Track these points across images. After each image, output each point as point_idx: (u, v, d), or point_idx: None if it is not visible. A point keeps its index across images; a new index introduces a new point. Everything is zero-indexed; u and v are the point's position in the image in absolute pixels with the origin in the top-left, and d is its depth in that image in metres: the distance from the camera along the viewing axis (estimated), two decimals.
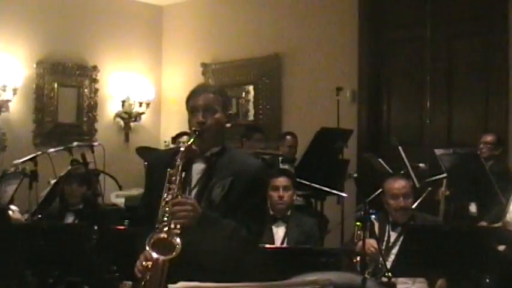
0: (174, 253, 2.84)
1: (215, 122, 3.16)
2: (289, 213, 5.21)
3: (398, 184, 5.01)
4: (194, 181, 3.15)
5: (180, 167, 3.03)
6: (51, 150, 6.03)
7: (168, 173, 3.02)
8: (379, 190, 5.19)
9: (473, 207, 6.13)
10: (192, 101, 3.21)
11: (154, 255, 2.85)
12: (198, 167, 3.17)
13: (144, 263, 2.89)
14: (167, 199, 2.96)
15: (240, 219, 3.03)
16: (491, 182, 5.52)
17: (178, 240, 2.86)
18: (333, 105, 7.27)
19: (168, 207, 2.93)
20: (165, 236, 2.89)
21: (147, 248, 2.87)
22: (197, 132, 3.12)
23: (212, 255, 2.94)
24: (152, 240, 2.89)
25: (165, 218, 2.92)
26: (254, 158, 3.81)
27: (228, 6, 9.58)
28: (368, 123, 8.11)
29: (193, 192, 3.13)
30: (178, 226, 2.89)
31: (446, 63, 7.70)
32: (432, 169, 6.49)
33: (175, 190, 2.98)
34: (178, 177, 3.01)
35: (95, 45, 9.51)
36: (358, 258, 4.51)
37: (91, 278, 4.57)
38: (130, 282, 4.36)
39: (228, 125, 3.25)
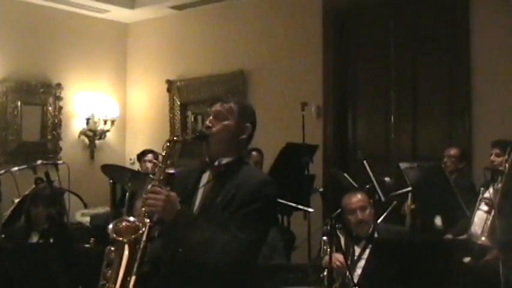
0: (136, 233, 2.86)
1: (222, 128, 3.12)
2: None
3: (353, 198, 5.07)
4: (200, 190, 3.13)
5: (164, 159, 3.04)
6: (15, 168, 5.95)
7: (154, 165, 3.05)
8: None
9: (438, 221, 6.19)
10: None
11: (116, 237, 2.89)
12: (205, 177, 3.15)
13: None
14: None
15: (230, 227, 2.92)
16: (455, 195, 5.57)
17: (140, 224, 2.89)
18: (298, 121, 7.28)
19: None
20: (126, 223, 2.93)
21: (110, 233, 2.90)
22: (198, 133, 3.17)
23: (189, 259, 2.93)
24: (115, 228, 2.92)
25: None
26: (264, 173, 3.73)
27: (193, 23, 9.60)
28: (334, 138, 8.15)
29: (197, 200, 3.11)
30: (146, 213, 2.90)
31: (410, 79, 7.79)
32: (398, 183, 6.54)
33: (156, 181, 2.97)
34: (162, 168, 3.01)
35: (59, 63, 9.46)
36: (325, 273, 4.52)
37: None
38: None
39: (244, 136, 3.18)
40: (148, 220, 2.90)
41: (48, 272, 4.33)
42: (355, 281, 4.40)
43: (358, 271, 4.68)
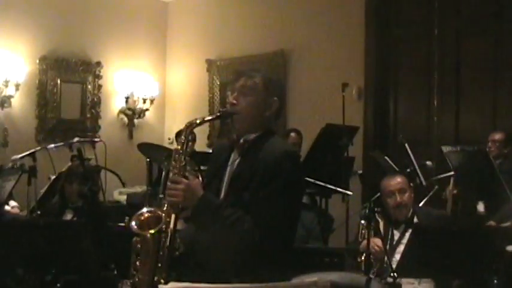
0: (159, 225, 2.84)
1: (247, 105, 3.02)
2: None
3: (392, 181, 4.96)
4: (228, 170, 3.07)
5: (184, 144, 2.97)
6: (51, 145, 5.96)
7: (173, 150, 2.98)
8: None
9: (481, 206, 6.02)
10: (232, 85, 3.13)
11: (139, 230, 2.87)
12: (233, 158, 3.08)
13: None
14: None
15: (253, 210, 2.86)
16: (500, 180, 5.41)
17: (162, 214, 2.87)
18: (338, 102, 7.15)
19: None
20: (149, 214, 2.91)
21: (134, 226, 2.86)
22: (220, 113, 3.07)
23: (213, 246, 2.88)
24: (138, 222, 2.89)
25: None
26: (286, 144, 3.58)
27: (234, 2, 9.51)
28: (374, 121, 8.00)
29: (224, 181, 3.05)
30: (166, 204, 2.89)
31: (454, 61, 7.60)
32: (439, 167, 6.41)
33: (177, 168, 2.93)
34: (182, 155, 2.95)
35: (98, 41, 9.44)
36: (363, 258, 4.41)
37: (89, 277, 4.47)
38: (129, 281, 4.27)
39: (270, 111, 3.07)
40: (171, 209, 2.88)
41: (79, 250, 4.29)
42: (394, 266, 4.28)
43: (397, 256, 4.57)
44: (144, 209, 2.95)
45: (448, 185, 6.18)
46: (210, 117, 3.14)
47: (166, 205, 2.89)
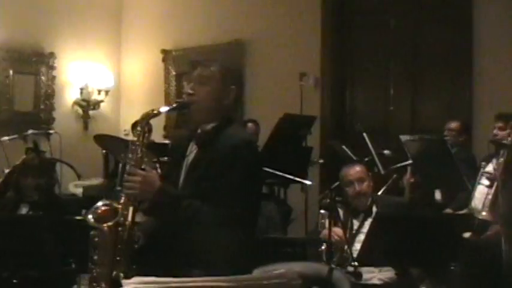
0: (116, 218, 2.81)
1: (204, 95, 2.99)
2: None
3: (351, 170, 4.97)
4: (186, 160, 3.04)
5: (140, 136, 2.93)
6: (5, 138, 5.84)
7: (129, 143, 2.95)
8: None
9: (438, 195, 6.09)
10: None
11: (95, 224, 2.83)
12: (192, 146, 3.05)
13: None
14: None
15: (211, 201, 2.83)
16: (457, 168, 5.46)
17: (119, 206, 2.84)
18: (295, 92, 7.16)
19: None
20: (106, 207, 2.87)
21: (91, 220, 2.82)
22: (177, 103, 3.07)
23: (173, 238, 2.87)
24: (95, 215, 2.85)
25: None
26: (245, 133, 3.56)
27: None
28: (332, 110, 8.01)
29: (183, 171, 3.03)
30: (124, 196, 2.86)
31: (410, 50, 7.67)
32: (397, 156, 6.44)
33: (134, 160, 2.90)
34: (139, 147, 2.91)
35: (51, 31, 9.27)
36: (323, 247, 4.41)
37: (48, 271, 4.40)
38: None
39: (229, 100, 3.05)
40: (129, 202, 2.85)
41: (38, 245, 4.22)
42: (354, 255, 4.29)
43: (357, 245, 4.58)
44: (101, 202, 2.90)
45: (404, 173, 6.21)
46: (167, 108, 3.11)
47: (123, 198, 2.86)
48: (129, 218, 2.83)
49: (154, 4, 9.84)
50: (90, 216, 2.83)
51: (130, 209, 2.84)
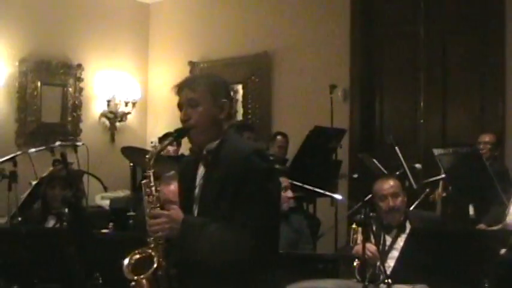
0: (153, 265, 2.82)
1: (200, 117, 2.93)
2: None
3: (385, 185, 4.85)
4: (197, 184, 2.99)
5: (151, 177, 2.93)
6: (32, 150, 5.81)
7: (142, 184, 2.93)
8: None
9: (471, 210, 5.96)
10: (178, 99, 3.02)
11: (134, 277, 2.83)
12: (200, 171, 3.00)
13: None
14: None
15: (235, 216, 2.77)
16: (493, 182, 5.32)
17: (153, 252, 2.85)
18: (323, 104, 7.07)
19: None
20: (139, 255, 2.87)
21: (127, 272, 2.83)
22: (174, 134, 3.01)
23: (206, 263, 2.81)
24: (130, 265, 2.85)
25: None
26: (247, 142, 3.52)
27: (217, 3, 9.41)
28: (360, 123, 7.93)
29: (195, 196, 2.99)
30: (153, 239, 2.87)
31: (440, 61, 7.57)
32: (427, 169, 6.33)
33: (152, 202, 2.90)
34: (153, 188, 2.92)
35: (79, 43, 9.29)
36: (355, 264, 4.29)
37: (73, 286, 4.34)
38: None
39: (223, 114, 2.99)
40: (158, 243, 2.87)
41: (62, 258, 4.16)
42: (388, 272, 4.17)
43: (390, 262, 4.46)
44: (136, 252, 2.89)
45: (436, 187, 6.09)
46: (167, 142, 3.05)
47: (152, 240, 2.87)
48: (162, 258, 2.85)
49: (181, 16, 9.84)
50: (126, 270, 2.84)
51: (161, 249, 2.86)
